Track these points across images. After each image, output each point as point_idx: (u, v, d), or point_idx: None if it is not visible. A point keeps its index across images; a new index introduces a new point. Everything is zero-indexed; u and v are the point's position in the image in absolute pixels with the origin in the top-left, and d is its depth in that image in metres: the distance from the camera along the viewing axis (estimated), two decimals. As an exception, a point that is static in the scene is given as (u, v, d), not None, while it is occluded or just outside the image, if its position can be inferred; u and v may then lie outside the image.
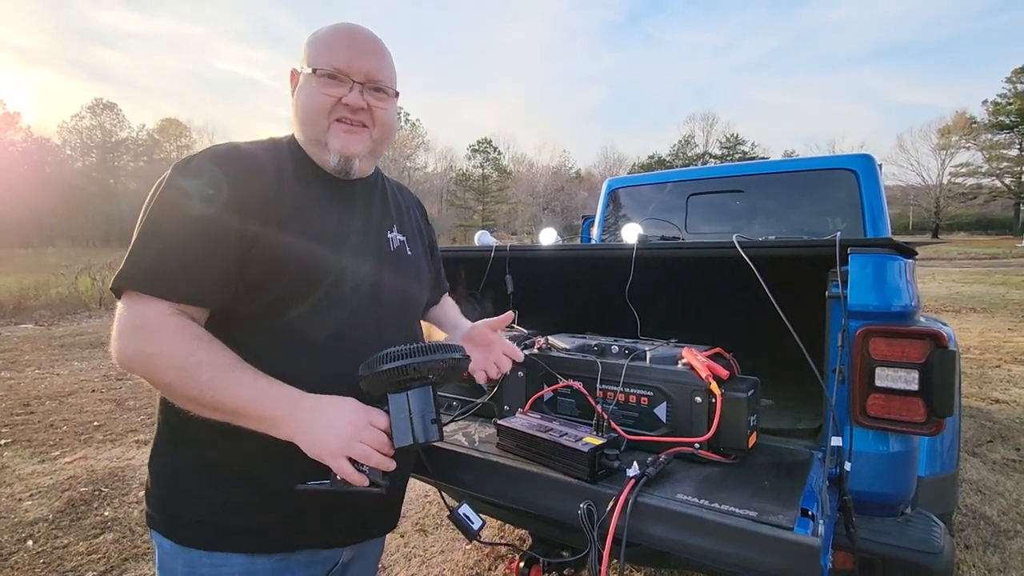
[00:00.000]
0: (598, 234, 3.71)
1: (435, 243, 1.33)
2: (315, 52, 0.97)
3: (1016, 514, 2.83)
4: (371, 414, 0.84)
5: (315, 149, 0.99)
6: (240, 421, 0.81)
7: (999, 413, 4.40)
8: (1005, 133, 47.14)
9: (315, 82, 0.95)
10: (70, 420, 4.39)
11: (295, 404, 0.82)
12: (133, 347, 0.80)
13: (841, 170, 2.89)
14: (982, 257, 25.06)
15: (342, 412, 0.83)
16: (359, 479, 0.81)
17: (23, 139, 46.52)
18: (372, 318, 0.99)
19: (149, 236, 0.84)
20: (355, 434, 0.81)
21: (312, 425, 0.81)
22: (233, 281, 0.86)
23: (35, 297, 10.67)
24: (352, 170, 1.00)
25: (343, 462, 0.80)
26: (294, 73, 1.01)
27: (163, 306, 0.81)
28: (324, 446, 0.80)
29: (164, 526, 0.91)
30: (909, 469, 1.19)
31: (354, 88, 0.96)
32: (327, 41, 0.98)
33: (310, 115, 0.96)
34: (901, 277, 1.15)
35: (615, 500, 0.94)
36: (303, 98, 0.97)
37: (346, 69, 0.95)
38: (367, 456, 0.81)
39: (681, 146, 61.05)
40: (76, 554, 2.51)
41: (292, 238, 0.90)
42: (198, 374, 0.79)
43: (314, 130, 0.97)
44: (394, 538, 2.68)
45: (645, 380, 1.21)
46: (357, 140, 0.98)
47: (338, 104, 0.95)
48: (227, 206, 0.85)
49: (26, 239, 34.55)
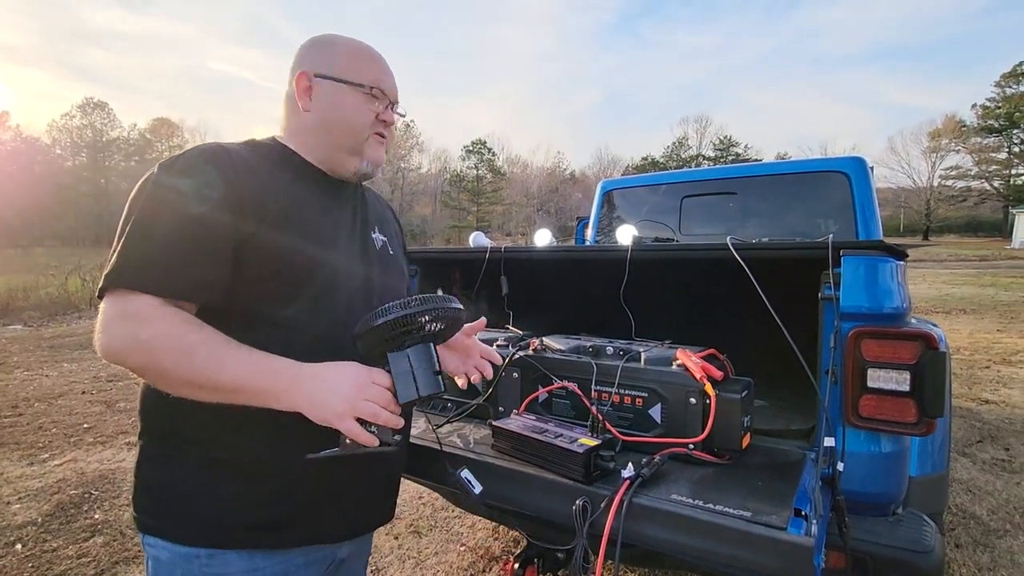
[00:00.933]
0: (592, 235, 3.72)
1: (404, 247, 1.36)
2: (348, 65, 1.00)
3: (1005, 513, 2.86)
4: (373, 373, 0.85)
5: (342, 156, 1.03)
6: (240, 399, 0.81)
7: (988, 413, 4.45)
8: (994, 137, 47.72)
9: (359, 96, 1.01)
10: (59, 422, 4.34)
11: (296, 374, 0.82)
12: (124, 336, 0.79)
13: (833, 172, 2.91)
14: (972, 259, 25.31)
15: (344, 374, 0.83)
16: (369, 439, 0.81)
17: (12, 138, 46.03)
18: (365, 314, 0.99)
19: (136, 235, 0.83)
20: (359, 393, 0.81)
21: (315, 391, 0.81)
22: (224, 279, 0.86)
23: (24, 298, 10.55)
24: (374, 176, 1.09)
25: (351, 423, 0.80)
26: (304, 76, 1.00)
27: (152, 298, 0.80)
28: (330, 409, 0.80)
29: (160, 529, 0.89)
30: (900, 469, 1.20)
31: (389, 107, 1.05)
32: (362, 58, 1.03)
33: (352, 127, 1.01)
34: (893, 279, 1.16)
35: (609, 501, 0.95)
36: (347, 109, 1.00)
37: (385, 89, 1.03)
38: (375, 414, 0.81)
39: (675, 148, 61.33)
40: (65, 558, 2.48)
41: (288, 235, 0.91)
42: (194, 354, 0.78)
43: (352, 140, 1.02)
44: (388, 540, 2.67)
45: (640, 381, 1.21)
46: (383, 151, 1.08)
47: (376, 120, 1.03)
48: (219, 204, 0.85)
49: (15, 239, 34.18)
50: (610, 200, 3.75)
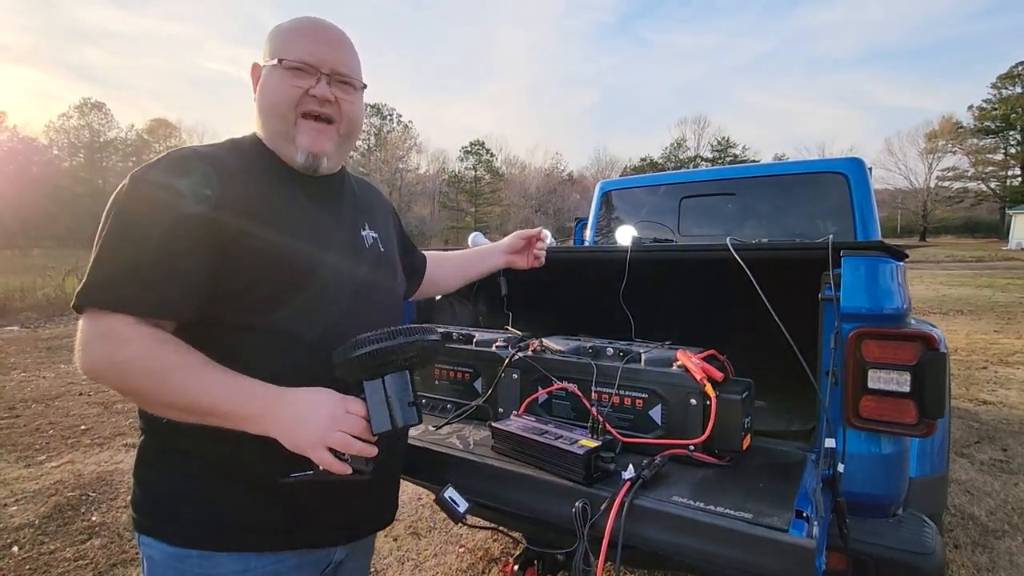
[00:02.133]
0: (591, 236, 3.72)
1: (404, 233, 1.33)
2: (279, 44, 0.95)
3: (1004, 514, 2.86)
4: (347, 402, 0.84)
5: (281, 144, 0.97)
6: (215, 421, 0.80)
7: (986, 414, 4.45)
8: (991, 138, 47.94)
9: (281, 73, 0.94)
10: (57, 423, 4.32)
11: (270, 399, 0.81)
12: (100, 356, 0.78)
13: (832, 173, 2.92)
14: (968, 260, 25.39)
15: (318, 403, 0.82)
16: (341, 468, 0.81)
17: (9, 139, 45.82)
18: (358, 316, 0.98)
19: (108, 250, 0.81)
20: (332, 423, 0.81)
21: (288, 419, 0.80)
22: (202, 293, 0.84)
23: (21, 299, 10.51)
24: (320, 167, 0.99)
25: (323, 452, 0.80)
26: (256, 67, 0.98)
27: (127, 317, 0.79)
28: (302, 439, 0.80)
29: (155, 529, 0.89)
30: (901, 470, 1.20)
31: (321, 80, 0.94)
32: (292, 33, 0.96)
33: (276, 108, 0.94)
34: (893, 280, 1.15)
35: (609, 503, 0.94)
36: (268, 90, 0.95)
37: (313, 61, 0.94)
38: (347, 444, 0.81)
39: (673, 149, 61.41)
40: (63, 560, 2.47)
41: (274, 238, 0.89)
42: (169, 378, 0.78)
43: (281, 124, 0.95)
44: (387, 541, 2.66)
45: (640, 382, 1.21)
46: (325, 138, 0.97)
47: (305, 96, 0.94)
48: (193, 213, 0.82)
49: (12, 240, 34.03)
50: (609, 201, 3.75)
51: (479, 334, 1.57)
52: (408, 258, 1.30)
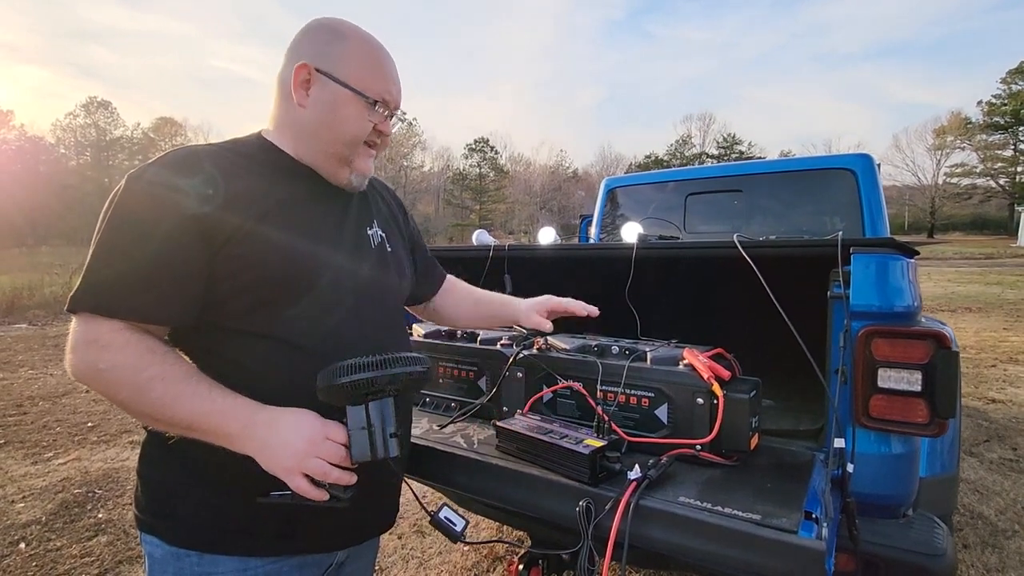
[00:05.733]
0: (596, 233, 3.70)
1: (418, 235, 1.30)
2: (356, 69, 0.92)
3: (1013, 514, 2.83)
4: (328, 428, 0.81)
5: (333, 166, 0.96)
6: (195, 436, 0.79)
7: (996, 413, 4.41)
8: (1000, 134, 47.38)
9: (360, 107, 0.93)
10: (64, 421, 4.35)
11: (249, 419, 0.79)
12: (85, 363, 0.78)
13: (840, 170, 2.89)
14: (977, 257, 25.17)
15: (298, 427, 0.80)
16: (318, 495, 0.79)
17: (16, 138, 46.20)
18: (361, 317, 0.96)
19: (102, 254, 0.80)
20: (311, 449, 0.78)
21: (267, 441, 0.78)
22: (196, 299, 0.82)
23: (29, 297, 10.58)
24: (361, 188, 1.02)
25: (299, 479, 0.78)
26: (305, 68, 0.91)
27: (116, 323, 0.78)
28: (279, 463, 0.78)
29: (155, 528, 0.89)
30: (911, 470, 1.18)
31: (392, 117, 0.99)
32: (369, 61, 0.94)
33: (346, 136, 0.94)
34: (903, 277, 1.14)
35: (615, 503, 0.93)
36: (342, 118, 0.93)
37: (390, 100, 0.97)
38: (324, 472, 0.79)
39: (678, 146, 61.13)
40: (69, 557, 2.48)
41: (276, 238, 0.87)
42: (149, 390, 0.77)
43: (346, 150, 0.96)
44: (392, 540, 2.66)
45: (646, 381, 1.19)
46: (372, 162, 1.02)
47: (373, 130, 0.97)
48: (189, 216, 0.81)
49: (20, 238, 34.33)
50: (614, 198, 3.73)
51: (483, 332, 1.56)
52: (419, 260, 1.27)
